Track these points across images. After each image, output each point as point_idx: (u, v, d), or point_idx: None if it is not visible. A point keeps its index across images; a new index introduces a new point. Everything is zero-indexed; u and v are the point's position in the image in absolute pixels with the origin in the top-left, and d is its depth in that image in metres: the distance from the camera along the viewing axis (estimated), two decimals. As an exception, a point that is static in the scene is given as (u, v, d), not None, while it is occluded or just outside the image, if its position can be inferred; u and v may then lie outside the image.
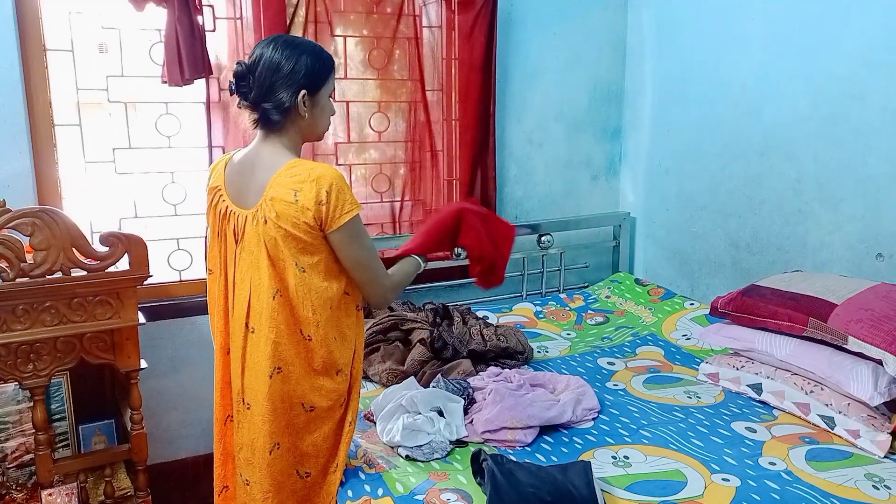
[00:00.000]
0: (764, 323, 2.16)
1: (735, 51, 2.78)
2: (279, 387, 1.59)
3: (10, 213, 1.77)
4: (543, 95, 3.20)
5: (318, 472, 1.67)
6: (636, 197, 3.38)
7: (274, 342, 1.58)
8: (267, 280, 1.57)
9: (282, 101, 1.56)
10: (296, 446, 1.63)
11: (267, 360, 1.58)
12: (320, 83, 1.61)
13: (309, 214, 1.51)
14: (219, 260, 1.70)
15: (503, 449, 1.89)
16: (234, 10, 2.54)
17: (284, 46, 1.57)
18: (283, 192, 1.53)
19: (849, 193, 2.41)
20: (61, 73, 2.37)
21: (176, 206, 2.60)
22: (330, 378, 1.64)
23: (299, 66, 1.56)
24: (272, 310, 1.57)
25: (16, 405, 2.08)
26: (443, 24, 2.92)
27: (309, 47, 1.60)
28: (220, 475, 1.80)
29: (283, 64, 1.55)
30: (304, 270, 1.57)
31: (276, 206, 1.53)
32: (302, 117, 1.60)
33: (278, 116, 1.58)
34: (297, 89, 1.56)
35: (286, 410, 1.61)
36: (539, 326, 2.90)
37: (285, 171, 1.55)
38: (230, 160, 1.70)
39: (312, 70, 1.58)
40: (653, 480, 1.73)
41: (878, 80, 2.29)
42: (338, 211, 1.52)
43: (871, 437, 1.85)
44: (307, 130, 1.65)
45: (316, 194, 1.51)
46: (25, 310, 1.82)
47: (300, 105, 1.58)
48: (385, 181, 2.95)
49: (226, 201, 1.66)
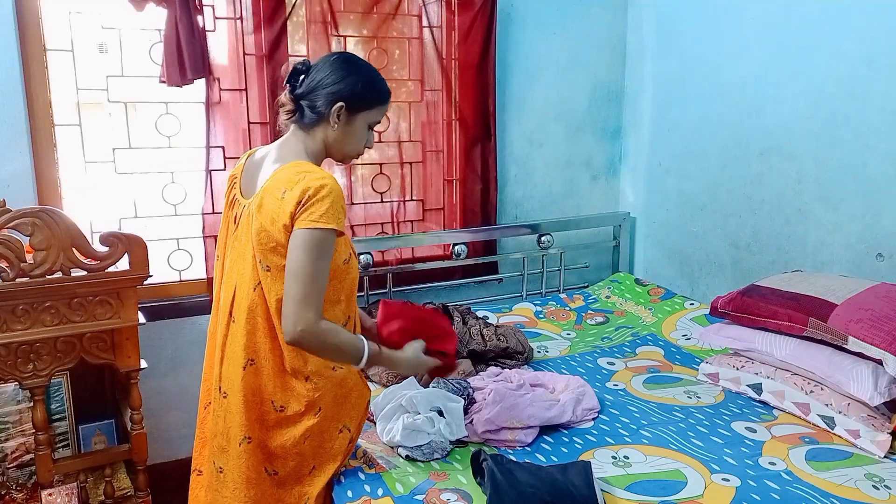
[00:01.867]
0: (764, 323, 2.16)
1: (735, 51, 2.78)
2: (251, 379, 1.59)
3: (10, 213, 1.77)
4: (543, 95, 3.20)
5: (287, 474, 1.64)
6: (636, 197, 3.38)
7: (250, 333, 1.58)
8: (250, 271, 1.58)
9: (317, 105, 1.60)
10: (265, 444, 1.61)
11: (242, 351, 1.58)
12: (362, 106, 1.63)
13: (288, 214, 1.48)
14: (222, 246, 1.73)
15: (503, 449, 1.89)
16: (234, 10, 2.54)
17: (344, 61, 1.63)
18: (274, 186, 1.53)
19: (849, 193, 2.41)
20: (61, 73, 2.37)
21: (176, 206, 2.60)
22: (299, 382, 1.61)
23: (348, 80, 1.60)
24: (251, 301, 1.57)
25: (16, 405, 2.08)
26: (443, 24, 2.92)
27: (366, 70, 1.65)
28: (196, 457, 1.80)
29: (335, 74, 1.60)
30: (269, 269, 1.54)
31: (265, 197, 1.54)
32: (331, 127, 1.62)
33: (311, 116, 1.62)
34: (335, 99, 1.60)
35: (257, 405, 1.60)
36: (539, 326, 2.90)
37: (287, 167, 1.56)
38: (255, 152, 1.75)
39: (359, 90, 1.61)
40: (653, 480, 1.73)
41: (878, 80, 2.29)
42: (306, 213, 1.47)
43: (871, 437, 1.85)
44: (333, 144, 1.66)
45: (300, 195, 1.48)
46: (25, 310, 1.82)
47: (332, 115, 1.60)
48: (385, 181, 2.95)
49: (236, 189, 1.69)
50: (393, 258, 2.96)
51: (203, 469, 1.77)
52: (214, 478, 1.66)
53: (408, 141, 2.96)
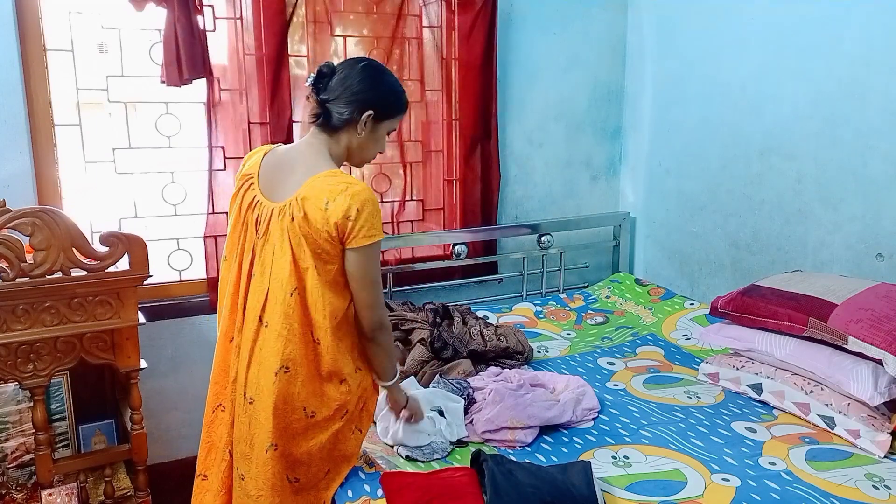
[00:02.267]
0: (764, 323, 2.16)
1: (735, 51, 2.78)
2: (284, 387, 1.59)
3: (10, 213, 1.77)
4: (543, 95, 3.20)
5: (308, 479, 1.65)
6: (636, 197, 3.38)
7: (285, 339, 1.58)
8: (287, 276, 1.58)
9: (347, 111, 1.63)
10: (290, 451, 1.62)
11: (275, 357, 1.58)
12: (387, 115, 1.68)
13: (333, 225, 1.54)
14: (236, 247, 1.71)
15: (503, 449, 1.89)
16: (234, 10, 2.54)
17: (373, 69, 1.67)
18: (315, 196, 1.55)
19: (849, 193, 2.41)
20: (61, 73, 2.37)
21: (176, 206, 2.60)
22: (334, 386, 1.64)
23: (378, 90, 1.66)
24: (288, 307, 1.58)
25: (16, 405, 2.08)
26: (443, 24, 2.92)
27: (391, 80, 1.71)
28: (202, 461, 1.79)
29: (365, 81, 1.64)
30: (320, 275, 1.58)
31: (307, 206, 1.56)
32: (358, 134, 1.65)
33: (339, 122, 1.64)
34: (365, 107, 1.63)
35: (287, 413, 1.60)
36: (539, 326, 2.90)
37: (324, 176, 1.58)
38: (271, 151, 1.74)
39: (386, 100, 1.67)
40: (653, 480, 1.73)
41: (878, 80, 2.29)
42: (363, 231, 1.55)
43: (871, 437, 1.85)
44: (355, 150, 1.70)
45: (347, 208, 1.53)
46: (25, 310, 1.82)
47: (361, 122, 1.64)
48: (385, 181, 2.95)
49: (255, 190, 1.68)
50: (393, 258, 2.96)
51: (209, 473, 1.76)
52: (237, 484, 1.67)
53: (408, 141, 2.96)
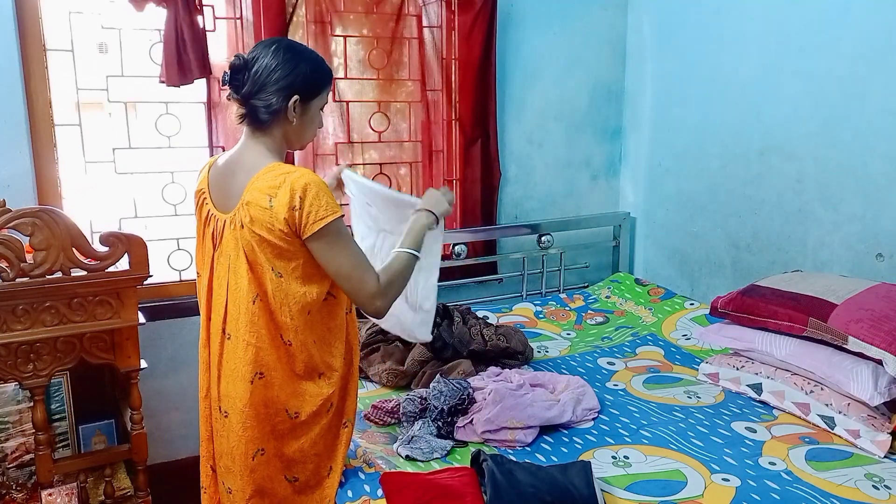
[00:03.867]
0: (764, 323, 2.16)
1: (735, 51, 2.78)
2: (261, 392, 1.57)
3: (10, 213, 1.77)
4: (543, 95, 3.20)
5: (309, 476, 1.65)
6: (636, 197, 3.38)
7: (255, 347, 1.55)
8: (246, 285, 1.54)
9: (272, 102, 1.55)
10: (282, 452, 1.61)
11: (247, 366, 1.55)
12: (314, 93, 1.60)
13: (283, 221, 1.47)
14: (204, 264, 1.68)
15: (503, 449, 1.89)
16: (234, 10, 2.54)
17: (286, 50, 1.56)
18: (258, 197, 1.50)
19: (849, 193, 2.41)
20: (61, 73, 2.37)
21: (176, 206, 2.60)
22: (313, 382, 1.61)
23: (297, 71, 1.55)
24: (252, 314, 1.55)
25: (16, 405, 2.08)
26: (443, 24, 2.92)
27: (310, 56, 1.60)
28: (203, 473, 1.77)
29: (281, 66, 1.54)
30: (281, 275, 1.54)
31: (252, 210, 1.51)
32: (290, 122, 1.58)
33: (267, 116, 1.56)
34: (289, 94, 1.55)
35: (270, 416, 1.59)
36: (539, 326, 2.90)
37: (263, 174, 1.53)
38: (215, 163, 1.68)
39: (309, 79, 1.57)
40: (653, 480, 1.73)
41: (878, 80, 2.29)
42: (311, 216, 1.47)
43: (871, 437, 1.85)
44: (292, 137, 1.63)
45: (290, 199, 1.46)
46: (25, 310, 1.82)
47: (290, 110, 1.56)
48: (385, 181, 2.94)
49: (209, 205, 1.64)
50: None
51: (206, 487, 1.75)
52: (226, 498, 1.66)
53: (408, 141, 2.96)
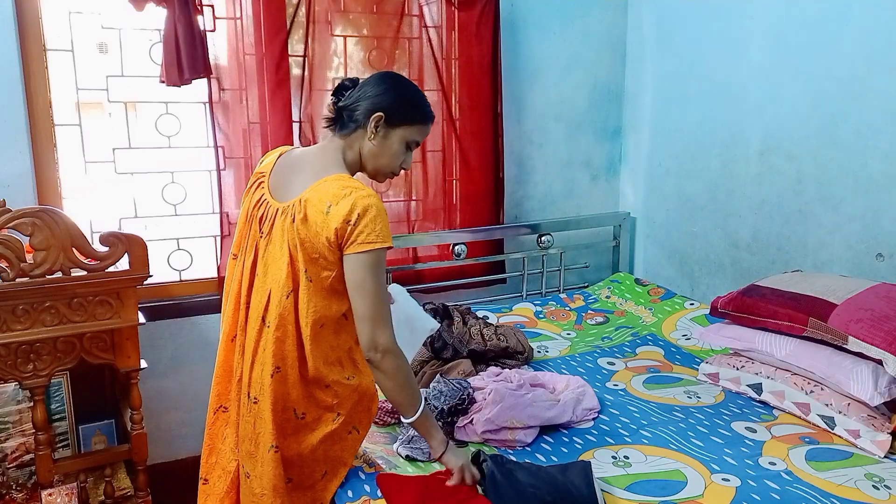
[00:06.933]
0: (764, 323, 2.16)
1: (735, 51, 2.78)
2: (278, 387, 1.59)
3: (10, 213, 1.77)
4: (543, 95, 3.20)
5: (301, 479, 1.64)
6: (636, 197, 3.38)
7: (281, 341, 1.57)
8: (284, 278, 1.57)
9: (356, 113, 1.62)
10: (284, 453, 1.62)
11: (271, 358, 1.58)
12: (400, 121, 1.63)
13: (332, 230, 1.50)
14: (243, 245, 1.70)
15: (503, 449, 1.89)
16: (234, 10, 2.54)
17: (390, 78, 1.67)
18: (318, 199, 1.53)
19: (849, 193, 2.41)
20: (61, 73, 2.37)
21: (176, 206, 2.60)
22: (320, 389, 1.63)
23: (389, 94, 1.62)
24: (284, 308, 1.57)
25: (16, 405, 2.08)
26: (443, 24, 2.92)
27: (409, 88, 1.67)
28: (203, 464, 1.77)
29: (377, 86, 1.63)
30: (311, 280, 1.55)
31: (308, 209, 1.53)
32: (369, 140, 1.63)
33: (349, 123, 1.63)
34: (374, 109, 1.60)
35: (279, 412, 1.60)
36: (539, 326, 2.90)
37: (331, 180, 1.55)
38: (287, 152, 1.73)
39: (398, 104, 1.63)
40: (653, 480, 1.73)
41: (878, 80, 2.29)
42: (362, 236, 1.49)
43: (871, 437, 1.85)
44: (367, 157, 1.66)
45: (348, 213, 1.49)
46: (25, 310, 1.82)
47: (370, 125, 1.61)
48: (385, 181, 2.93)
49: (264, 188, 1.67)
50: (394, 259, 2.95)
51: (209, 477, 1.75)
52: (243, 482, 1.66)
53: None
